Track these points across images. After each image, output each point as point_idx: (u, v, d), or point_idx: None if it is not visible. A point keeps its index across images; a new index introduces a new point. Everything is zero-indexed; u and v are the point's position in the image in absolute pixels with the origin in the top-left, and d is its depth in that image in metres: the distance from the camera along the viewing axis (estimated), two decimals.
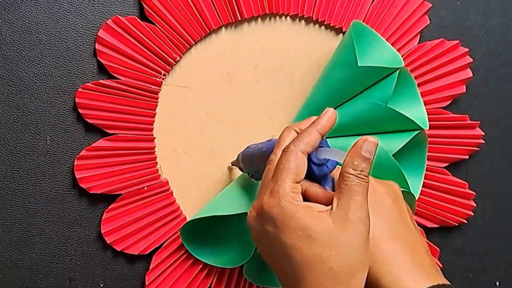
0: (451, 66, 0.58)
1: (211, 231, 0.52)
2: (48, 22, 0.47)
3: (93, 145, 0.48)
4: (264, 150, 0.44)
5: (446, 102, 0.58)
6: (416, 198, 0.49)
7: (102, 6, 0.49)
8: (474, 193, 0.59)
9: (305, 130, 0.39)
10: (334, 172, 0.40)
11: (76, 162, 0.48)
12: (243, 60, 0.53)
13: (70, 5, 0.48)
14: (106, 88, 0.48)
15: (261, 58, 0.54)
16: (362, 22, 0.52)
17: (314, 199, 0.38)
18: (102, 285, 0.50)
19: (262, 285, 0.53)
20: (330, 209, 0.35)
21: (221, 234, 0.52)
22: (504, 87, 0.62)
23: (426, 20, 0.57)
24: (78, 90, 0.47)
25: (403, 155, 0.50)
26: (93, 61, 0.49)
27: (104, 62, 0.48)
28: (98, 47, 0.48)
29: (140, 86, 0.49)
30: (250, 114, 0.54)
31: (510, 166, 0.63)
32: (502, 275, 0.63)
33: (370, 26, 0.53)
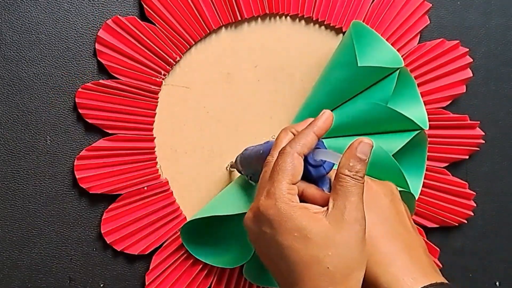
0: (451, 66, 0.58)
1: (211, 231, 0.52)
2: (48, 22, 0.47)
3: (93, 145, 0.48)
4: (261, 152, 0.44)
5: (446, 102, 0.58)
6: (416, 198, 0.49)
7: (102, 6, 0.49)
8: (474, 193, 0.59)
9: (301, 131, 0.39)
10: (332, 173, 0.40)
11: (76, 162, 0.48)
12: (243, 60, 0.53)
13: (70, 5, 0.48)
14: (106, 88, 0.48)
15: (261, 58, 0.54)
16: (362, 22, 0.52)
17: (311, 200, 0.38)
18: (102, 285, 0.50)
19: (262, 285, 0.53)
20: (326, 210, 0.35)
21: (221, 234, 0.52)
22: (504, 87, 0.62)
23: (426, 20, 0.57)
24: (78, 90, 0.47)
25: (403, 155, 0.50)
26: (93, 61, 0.49)
27: (104, 62, 0.48)
28: (98, 47, 0.48)
29: (140, 86, 0.49)
30: (250, 114, 0.54)
31: (510, 166, 0.63)
32: (502, 275, 0.63)
33: (370, 26, 0.53)
